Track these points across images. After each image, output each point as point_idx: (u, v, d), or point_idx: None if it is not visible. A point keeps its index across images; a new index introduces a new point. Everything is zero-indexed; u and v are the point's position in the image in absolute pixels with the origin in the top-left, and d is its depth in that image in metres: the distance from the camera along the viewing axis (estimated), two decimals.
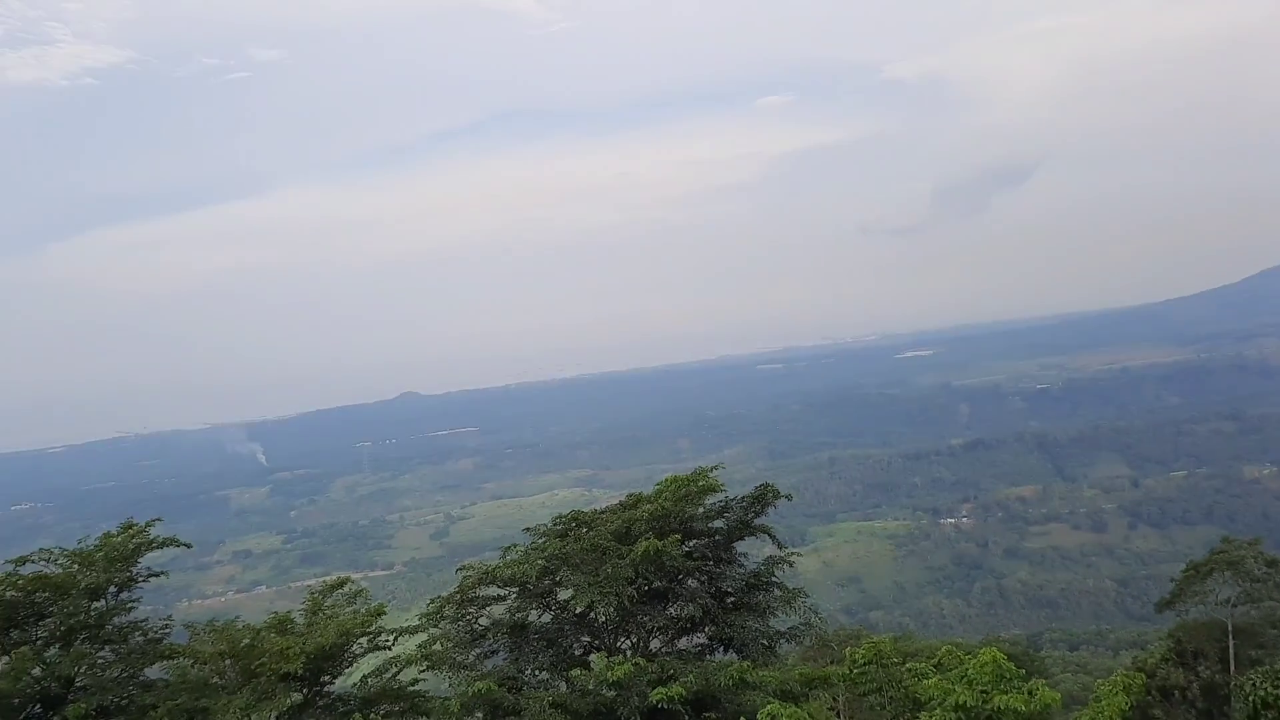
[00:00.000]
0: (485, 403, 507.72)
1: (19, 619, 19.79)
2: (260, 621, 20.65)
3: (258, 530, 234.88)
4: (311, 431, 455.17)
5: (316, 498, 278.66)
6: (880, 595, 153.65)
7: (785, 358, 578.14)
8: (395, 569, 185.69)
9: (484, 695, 17.50)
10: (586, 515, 22.97)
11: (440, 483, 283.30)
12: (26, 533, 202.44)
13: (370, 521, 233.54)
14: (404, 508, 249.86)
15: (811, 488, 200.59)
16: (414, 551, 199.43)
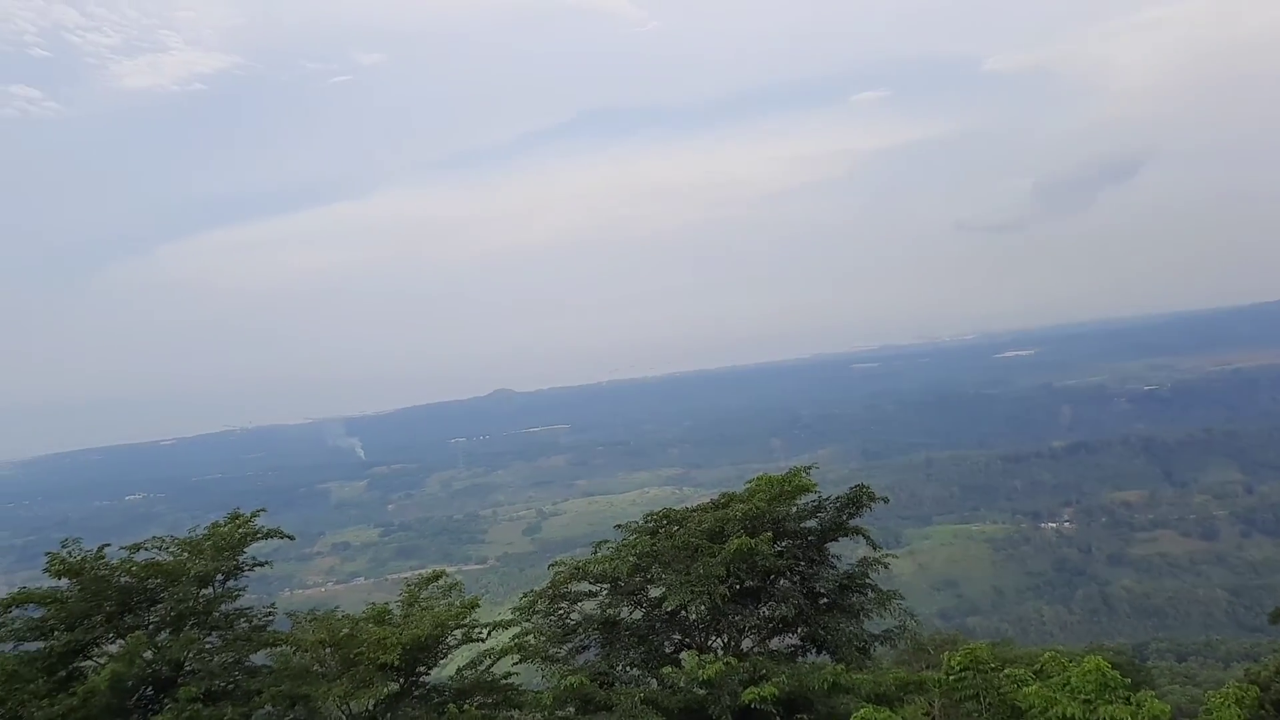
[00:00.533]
0: (577, 400, 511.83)
1: (133, 604, 20.60)
2: (359, 612, 21.12)
3: (356, 523, 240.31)
4: (408, 427, 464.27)
5: (412, 492, 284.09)
6: (978, 600, 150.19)
7: (880, 356, 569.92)
8: (488, 563, 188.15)
9: (576, 689, 17.61)
10: (678, 513, 22.93)
11: (532, 479, 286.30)
12: (139, 521, 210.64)
13: (464, 516, 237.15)
14: (497, 503, 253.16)
15: (906, 489, 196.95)
16: (506, 546, 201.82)
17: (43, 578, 21.49)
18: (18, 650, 20.16)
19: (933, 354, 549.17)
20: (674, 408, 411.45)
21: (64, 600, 20.27)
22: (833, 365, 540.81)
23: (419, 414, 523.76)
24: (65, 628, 19.92)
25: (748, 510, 20.73)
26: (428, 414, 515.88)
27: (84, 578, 20.40)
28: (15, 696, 18.13)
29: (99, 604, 20.17)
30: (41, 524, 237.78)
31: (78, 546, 21.15)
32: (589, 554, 22.83)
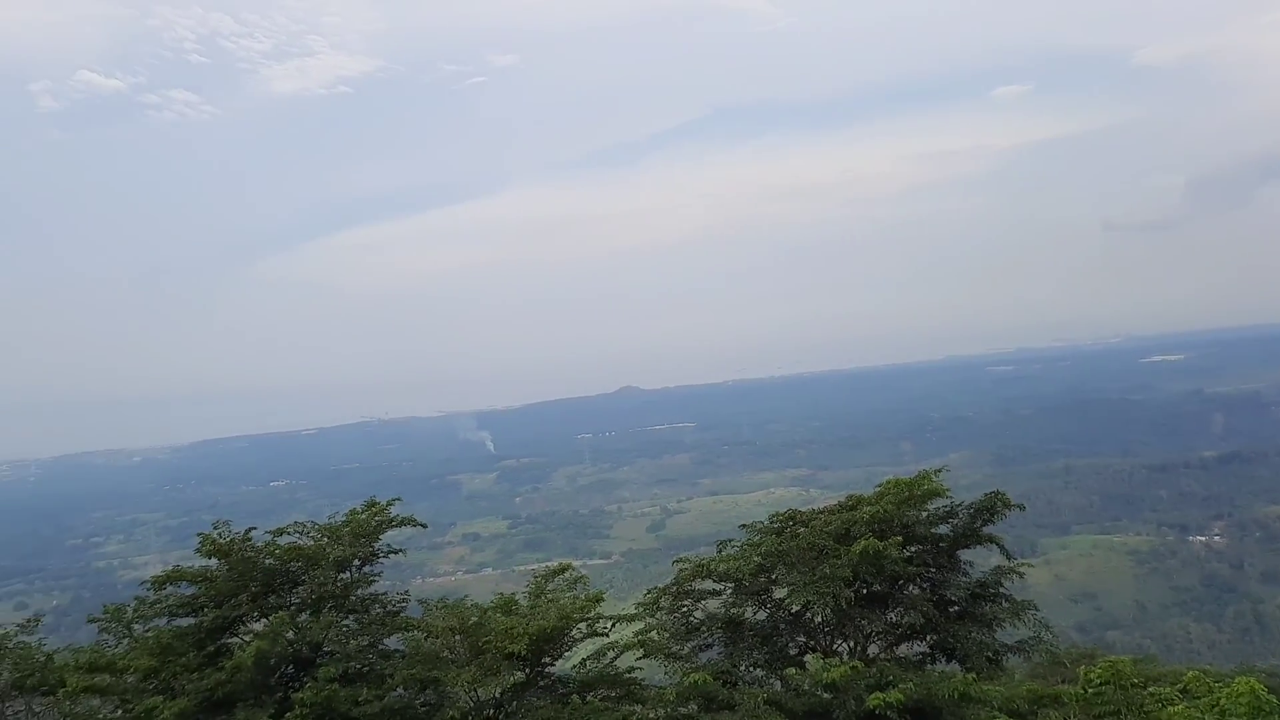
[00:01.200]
0: (703, 398, 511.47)
1: (276, 585, 21.54)
2: (487, 601, 21.56)
3: (485, 514, 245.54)
4: (536, 421, 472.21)
5: (539, 485, 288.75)
6: (1118, 614, 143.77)
7: (1017, 359, 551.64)
8: (613, 558, 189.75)
9: (699, 687, 17.59)
10: (804, 514, 22.67)
11: (657, 476, 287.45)
12: (282, 507, 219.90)
13: (590, 511, 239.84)
14: (622, 499, 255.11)
15: (1043, 497, 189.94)
16: (631, 542, 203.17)
17: (194, 557, 22.67)
18: (171, 625, 21.34)
19: (1073, 357, 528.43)
20: (801, 408, 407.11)
21: (213, 579, 21.34)
22: (966, 367, 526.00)
23: (547, 409, 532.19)
24: (214, 605, 20.97)
25: (876, 513, 20.33)
26: (556, 410, 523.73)
27: (232, 558, 21.44)
28: (169, 668, 19.18)
29: (245, 584, 21.15)
30: (193, 506, 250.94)
31: (227, 528, 22.23)
32: (713, 552, 22.77)
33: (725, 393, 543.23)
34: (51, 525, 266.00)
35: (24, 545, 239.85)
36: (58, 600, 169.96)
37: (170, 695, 18.29)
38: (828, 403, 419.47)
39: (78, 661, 20.64)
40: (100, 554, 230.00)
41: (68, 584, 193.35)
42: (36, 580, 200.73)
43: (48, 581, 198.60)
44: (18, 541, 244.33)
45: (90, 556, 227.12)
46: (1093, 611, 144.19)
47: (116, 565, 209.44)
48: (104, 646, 21.87)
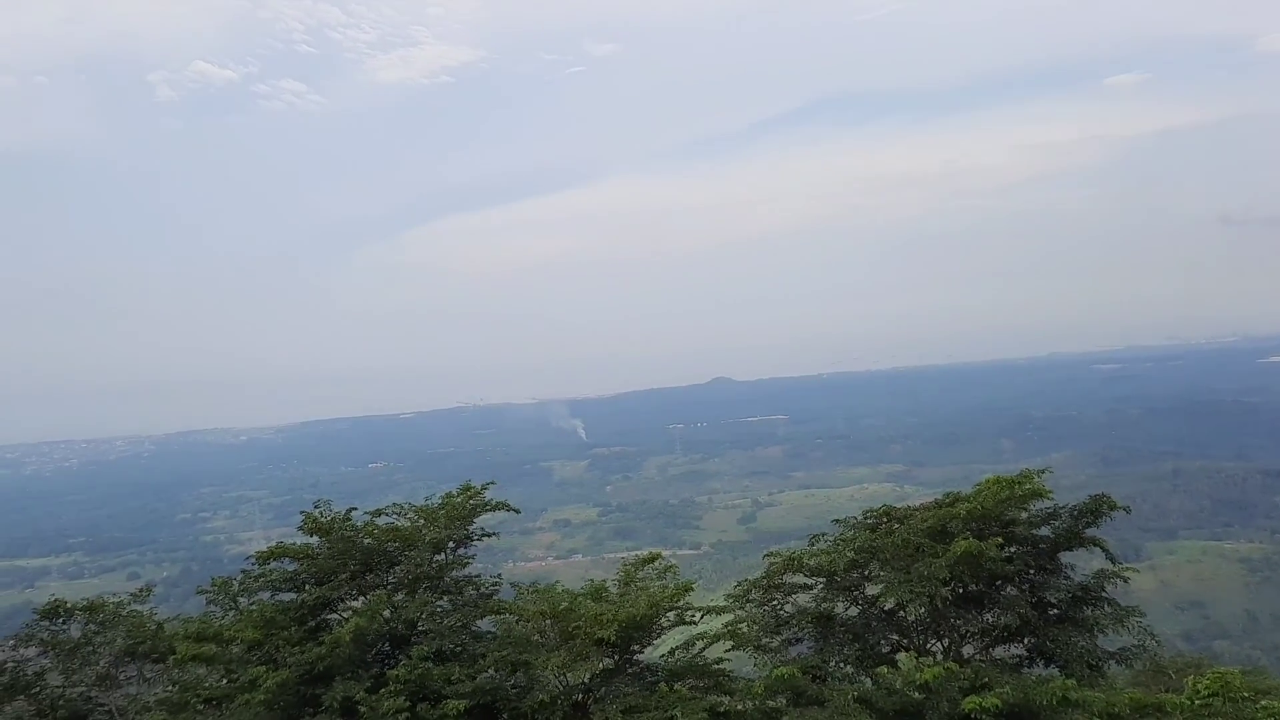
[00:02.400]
0: (797, 391, 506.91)
1: (374, 565, 22.10)
2: (577, 587, 21.77)
3: (576, 501, 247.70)
4: (627, 411, 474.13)
5: (630, 474, 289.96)
6: (1228, 624, 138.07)
7: (1125, 357, 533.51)
8: (702, 549, 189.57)
9: (787, 681, 17.45)
10: (899, 511, 22.32)
11: (748, 468, 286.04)
12: (380, 488, 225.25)
13: (680, 501, 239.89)
14: (712, 490, 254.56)
15: (1149, 500, 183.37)
16: (721, 534, 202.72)
17: (297, 534, 23.39)
18: (274, 599, 22.05)
19: (1185, 356, 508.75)
20: (898, 403, 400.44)
21: (315, 556, 21.98)
22: (1071, 365, 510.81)
23: (639, 399, 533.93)
24: (315, 582, 21.60)
25: (974, 510, 19.88)
26: (648, 399, 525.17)
27: (332, 537, 22.06)
28: (271, 641, 19.82)
29: (345, 562, 21.74)
30: (296, 485, 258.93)
31: (328, 508, 22.87)
32: (805, 546, 22.59)
33: (820, 386, 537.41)
34: (163, 500, 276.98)
35: (137, 518, 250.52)
36: (168, 571, 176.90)
37: (273, 666, 18.90)
38: (925, 398, 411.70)
39: (186, 631, 21.47)
40: (208, 529, 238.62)
41: (177, 556, 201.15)
42: (148, 552, 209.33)
43: (158, 553, 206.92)
44: (131, 514, 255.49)
45: (198, 531, 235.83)
46: (1200, 620, 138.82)
47: (223, 540, 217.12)
48: (211, 617, 22.72)
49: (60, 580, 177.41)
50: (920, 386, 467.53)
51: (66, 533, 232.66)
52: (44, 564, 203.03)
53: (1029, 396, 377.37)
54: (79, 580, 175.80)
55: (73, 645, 24.97)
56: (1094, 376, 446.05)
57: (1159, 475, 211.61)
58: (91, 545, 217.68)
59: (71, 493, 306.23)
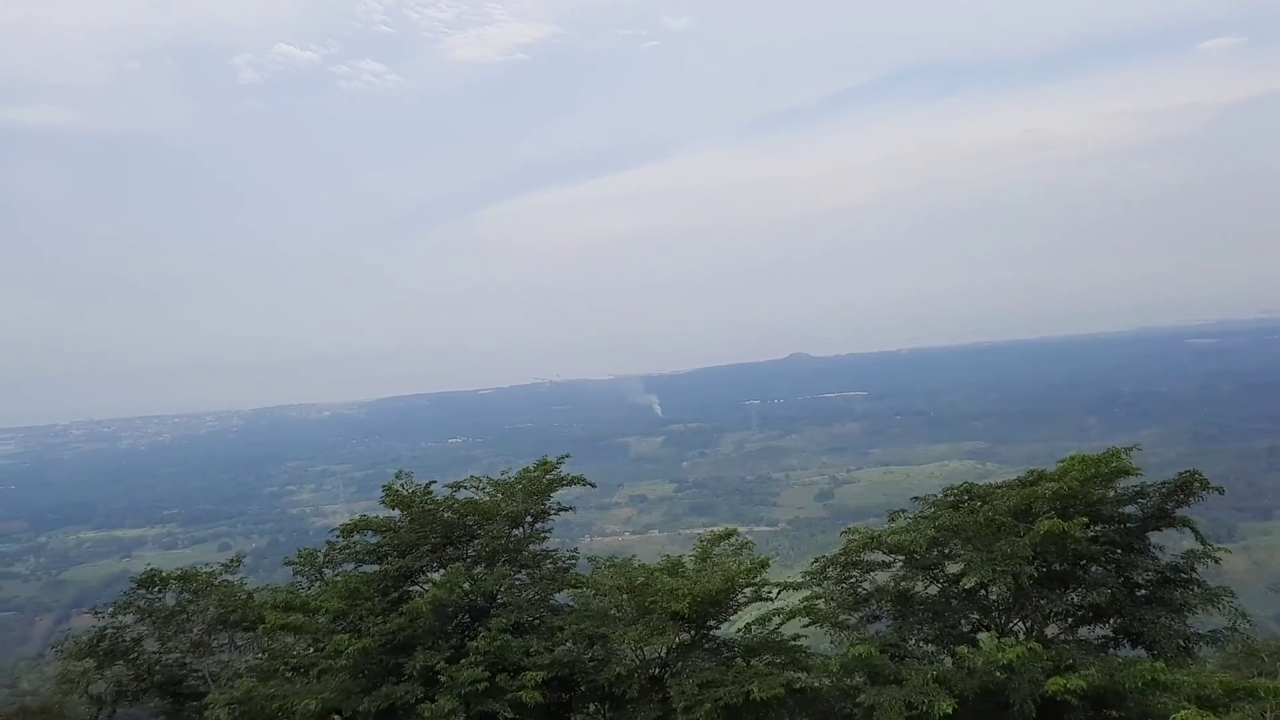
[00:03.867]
0: (875, 366, 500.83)
1: (454, 537, 22.46)
2: (653, 562, 21.84)
3: (652, 477, 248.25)
4: (704, 387, 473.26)
5: (706, 450, 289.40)
6: None
7: (1219, 331, 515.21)
8: (779, 526, 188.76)
9: (865, 659, 17.31)
10: (980, 488, 21.92)
11: (826, 445, 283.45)
12: (460, 463, 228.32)
13: (756, 478, 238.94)
14: (789, 467, 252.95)
15: (1244, 479, 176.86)
16: (798, 510, 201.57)
17: (379, 507, 23.88)
18: (358, 570, 22.58)
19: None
20: (979, 378, 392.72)
21: (397, 529, 22.42)
22: (1161, 339, 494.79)
23: (715, 374, 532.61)
24: (397, 554, 22.04)
25: (1059, 490, 19.41)
26: (724, 375, 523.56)
27: (413, 510, 22.47)
28: (355, 610, 20.30)
29: (425, 535, 22.13)
30: (378, 460, 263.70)
31: (409, 481, 23.28)
32: (883, 524, 22.35)
33: (899, 361, 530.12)
34: (251, 473, 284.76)
35: (227, 491, 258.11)
36: (256, 543, 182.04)
37: (356, 636, 19.36)
38: (1008, 374, 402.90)
39: (275, 600, 22.11)
40: (294, 501, 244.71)
41: (265, 528, 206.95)
42: (238, 524, 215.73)
43: (247, 525, 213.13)
44: (222, 487, 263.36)
45: (285, 503, 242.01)
46: None
47: (308, 512, 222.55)
48: (298, 588, 23.36)
49: (156, 550, 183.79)
50: (1002, 362, 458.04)
51: (161, 505, 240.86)
52: (140, 534, 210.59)
53: (1116, 371, 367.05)
54: (173, 551, 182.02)
55: (168, 613, 25.91)
56: (1185, 351, 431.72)
57: (1254, 453, 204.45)
58: (185, 517, 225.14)
59: (165, 466, 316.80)
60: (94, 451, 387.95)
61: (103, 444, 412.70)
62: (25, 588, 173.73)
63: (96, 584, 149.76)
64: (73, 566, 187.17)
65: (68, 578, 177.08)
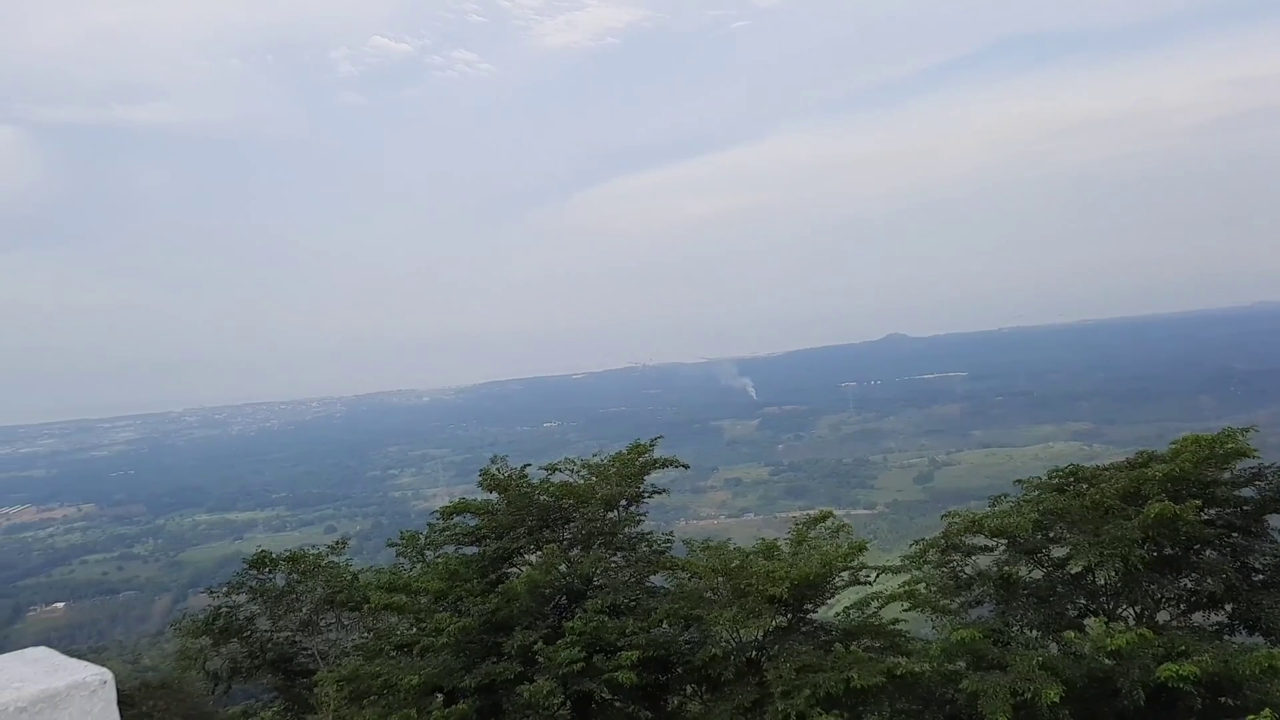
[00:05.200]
0: (975, 346, 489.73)
1: (549, 520, 22.69)
2: (749, 545, 21.74)
3: (747, 461, 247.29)
4: (798, 369, 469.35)
5: (801, 433, 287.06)
6: None
7: None
8: (877, 509, 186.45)
9: (967, 644, 16.98)
10: (1087, 471, 21.27)
11: (925, 427, 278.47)
12: (554, 446, 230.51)
13: (853, 461, 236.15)
14: (887, 449, 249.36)
15: None
16: (896, 493, 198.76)
17: (477, 491, 24.27)
18: (457, 552, 23.00)
19: None
20: (1084, 357, 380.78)
21: (494, 512, 22.76)
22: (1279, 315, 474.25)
23: (810, 357, 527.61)
24: (495, 536, 22.38)
25: (1170, 472, 18.71)
26: (818, 357, 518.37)
27: (510, 493, 22.76)
28: (455, 591, 20.69)
29: (522, 518, 22.41)
30: (475, 444, 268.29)
31: (505, 465, 23.60)
32: (985, 507, 21.86)
33: (1000, 340, 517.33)
34: (354, 458, 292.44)
35: (333, 475, 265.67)
36: (360, 525, 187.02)
37: (457, 615, 19.73)
38: (1115, 352, 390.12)
39: (379, 581, 22.68)
40: (395, 485, 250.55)
41: (368, 511, 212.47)
42: (343, 507, 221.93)
43: (352, 508, 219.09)
44: (327, 471, 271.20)
45: (387, 487, 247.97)
46: None
47: (409, 496, 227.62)
48: (400, 569, 23.92)
49: (265, 533, 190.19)
50: (1109, 340, 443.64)
51: (270, 488, 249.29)
52: (251, 517, 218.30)
53: (1231, 349, 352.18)
54: (282, 533, 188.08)
55: (278, 593, 26.82)
56: None
57: None
58: (292, 500, 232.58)
59: (273, 451, 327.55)
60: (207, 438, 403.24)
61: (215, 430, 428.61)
62: (145, 568, 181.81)
63: (211, 565, 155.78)
64: (188, 548, 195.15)
65: (184, 559, 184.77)
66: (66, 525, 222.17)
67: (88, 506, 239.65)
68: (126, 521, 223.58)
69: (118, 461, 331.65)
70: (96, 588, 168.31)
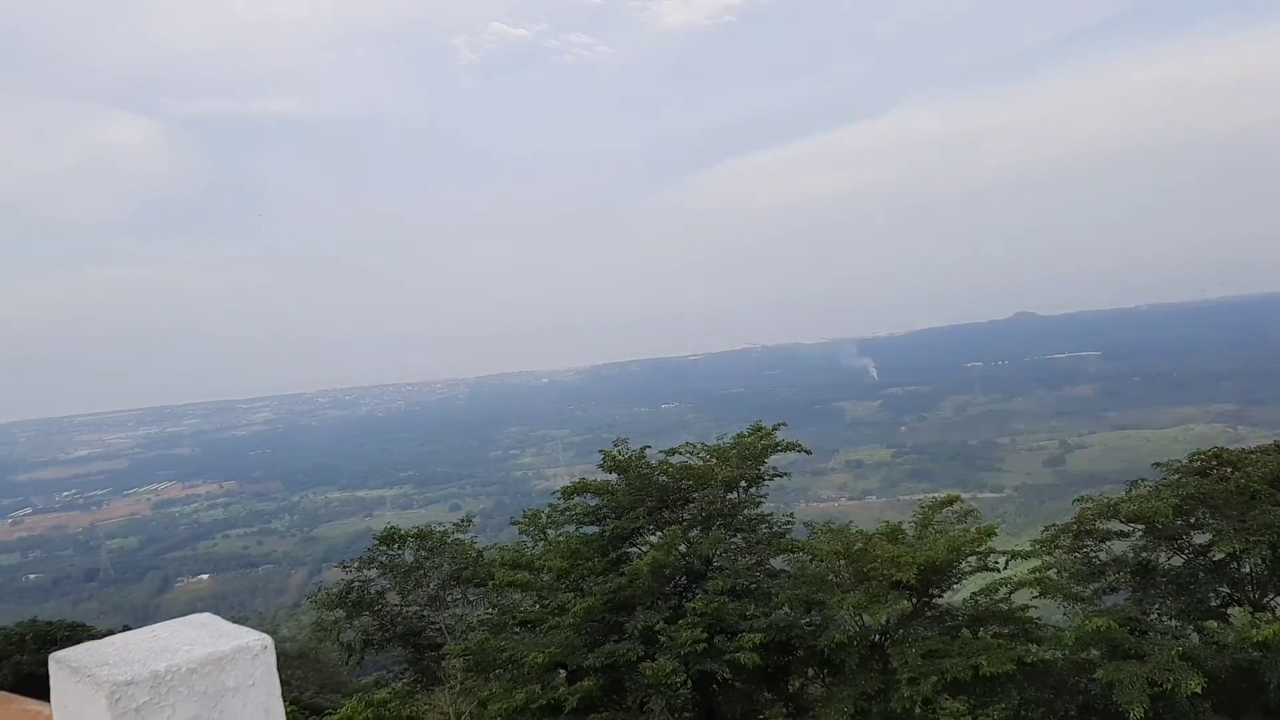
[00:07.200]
0: (1109, 325, 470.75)
1: (669, 501, 22.76)
2: (871, 528, 21.41)
3: (869, 442, 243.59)
4: (921, 349, 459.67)
5: (925, 415, 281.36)
6: None
7: None
8: (1005, 492, 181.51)
9: (1103, 633, 16.38)
10: (1232, 454, 20.23)
11: (1055, 408, 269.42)
12: (673, 428, 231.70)
13: (979, 442, 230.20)
14: (1015, 431, 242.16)
15: None
16: (1025, 477, 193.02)
17: (597, 471, 24.50)
18: (578, 531, 23.30)
19: None
20: (1229, 335, 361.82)
21: (614, 492, 22.94)
22: None
23: (934, 336, 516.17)
24: (615, 516, 22.56)
25: None
26: (942, 336, 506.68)
27: (630, 474, 22.90)
28: (577, 570, 20.97)
29: (641, 498, 22.53)
30: (595, 425, 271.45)
31: (625, 446, 23.76)
32: (1120, 491, 21.04)
33: (1136, 318, 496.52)
34: (477, 437, 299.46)
35: (457, 454, 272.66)
36: (483, 504, 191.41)
37: (579, 594, 20.00)
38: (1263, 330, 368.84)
39: (502, 559, 23.17)
40: (517, 464, 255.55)
41: (491, 490, 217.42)
42: (467, 485, 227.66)
43: (475, 487, 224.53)
44: (452, 451, 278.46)
45: (509, 466, 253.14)
46: None
47: (530, 475, 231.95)
48: (523, 547, 24.38)
49: (394, 510, 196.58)
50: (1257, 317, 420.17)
51: (397, 467, 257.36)
52: (380, 495, 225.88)
53: None
54: (409, 510, 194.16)
55: (407, 569, 27.70)
56: None
57: None
58: (419, 479, 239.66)
59: (400, 431, 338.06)
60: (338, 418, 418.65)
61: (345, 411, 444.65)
62: (282, 543, 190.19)
63: (343, 540, 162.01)
64: (322, 524, 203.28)
65: (318, 534, 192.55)
66: (210, 501, 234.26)
67: (229, 483, 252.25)
68: (264, 498, 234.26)
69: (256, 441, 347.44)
70: (237, 561, 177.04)
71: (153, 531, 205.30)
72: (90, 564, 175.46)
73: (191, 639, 1.67)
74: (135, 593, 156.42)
